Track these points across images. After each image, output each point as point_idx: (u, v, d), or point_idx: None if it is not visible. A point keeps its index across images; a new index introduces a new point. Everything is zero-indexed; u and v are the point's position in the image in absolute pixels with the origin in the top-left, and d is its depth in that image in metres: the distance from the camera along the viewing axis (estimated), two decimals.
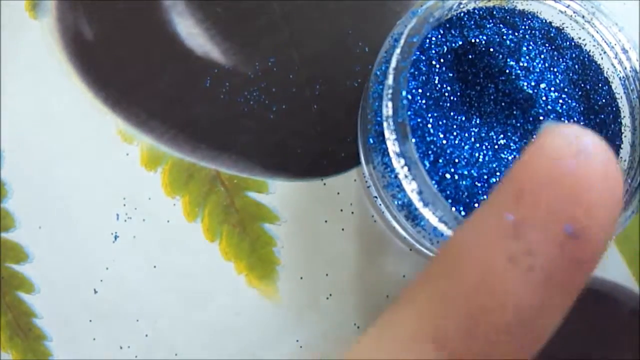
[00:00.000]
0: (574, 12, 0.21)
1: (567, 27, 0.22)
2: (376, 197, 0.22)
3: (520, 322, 0.11)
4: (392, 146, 0.18)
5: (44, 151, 0.26)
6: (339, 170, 0.25)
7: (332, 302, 0.25)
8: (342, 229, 0.25)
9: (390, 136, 0.18)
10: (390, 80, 0.19)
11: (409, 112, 0.20)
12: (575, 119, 0.21)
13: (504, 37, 0.21)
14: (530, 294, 0.11)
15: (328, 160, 0.25)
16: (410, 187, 0.18)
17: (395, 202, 0.20)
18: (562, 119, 0.21)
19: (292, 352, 0.25)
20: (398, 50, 0.19)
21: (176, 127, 0.25)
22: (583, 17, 0.21)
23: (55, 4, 0.26)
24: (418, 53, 0.21)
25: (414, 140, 0.20)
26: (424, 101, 0.21)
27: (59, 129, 0.26)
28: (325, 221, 0.25)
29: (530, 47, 0.21)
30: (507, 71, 0.21)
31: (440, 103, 0.21)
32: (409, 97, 0.20)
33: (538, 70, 0.21)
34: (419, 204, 0.18)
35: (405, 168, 0.18)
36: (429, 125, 0.20)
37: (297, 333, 0.25)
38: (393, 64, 0.19)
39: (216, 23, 0.26)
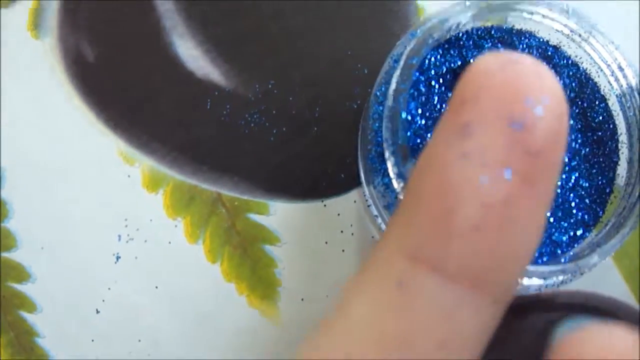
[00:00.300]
0: (571, 31, 0.21)
1: (564, 45, 0.22)
2: (377, 216, 0.22)
3: (490, 219, 0.11)
4: (393, 167, 0.19)
5: (46, 171, 0.26)
6: (339, 191, 0.25)
7: None
8: (343, 250, 0.25)
9: (390, 157, 0.19)
10: (390, 101, 0.19)
11: (408, 133, 0.20)
12: (572, 136, 0.22)
13: None
14: (489, 188, 0.11)
15: (328, 181, 0.25)
16: None
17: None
18: None
19: None
20: (397, 72, 0.19)
21: (177, 149, 0.26)
22: (580, 35, 0.21)
23: (57, 25, 0.26)
24: (417, 74, 0.21)
25: (414, 160, 0.20)
26: (423, 122, 0.21)
27: (60, 150, 0.26)
28: (326, 242, 0.25)
29: None
30: None
31: (439, 118, 0.21)
32: (409, 117, 0.20)
33: None
34: None
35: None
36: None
37: None
38: (393, 85, 0.19)
39: (217, 45, 0.26)
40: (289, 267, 0.25)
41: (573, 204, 0.21)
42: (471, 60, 0.21)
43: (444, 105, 0.21)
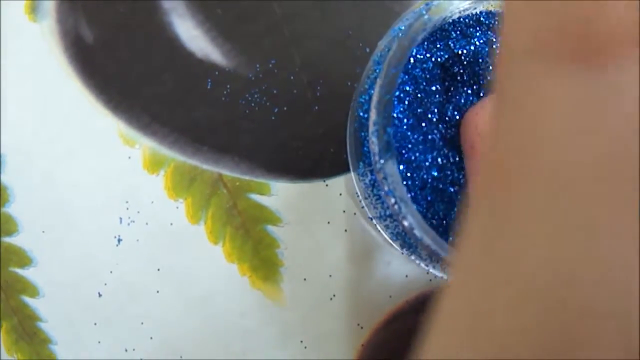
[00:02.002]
0: None
1: None
2: (371, 218, 0.22)
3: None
4: (383, 184, 0.18)
5: (46, 155, 0.26)
6: (340, 171, 0.25)
7: (335, 302, 0.25)
8: (345, 230, 0.25)
9: (379, 176, 0.18)
10: (373, 115, 0.18)
11: (395, 141, 0.19)
12: None
13: (494, 46, 0.20)
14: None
15: (330, 161, 0.25)
16: (403, 223, 0.18)
17: (389, 232, 0.20)
18: None
19: (296, 353, 0.25)
20: (380, 82, 0.18)
21: (178, 129, 0.25)
22: None
23: (54, 7, 0.26)
24: (402, 74, 0.20)
25: (402, 167, 0.19)
26: (410, 122, 0.20)
27: (60, 133, 0.26)
28: (328, 222, 0.25)
29: None
30: None
31: (427, 120, 0.20)
32: (396, 122, 0.19)
33: None
34: (412, 237, 0.18)
35: (396, 206, 0.18)
36: (415, 149, 0.20)
37: (301, 334, 0.25)
38: (376, 97, 0.18)
39: (217, 25, 0.26)
40: (291, 247, 0.25)
41: None
42: (459, 52, 0.20)
43: (431, 100, 0.21)
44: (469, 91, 0.20)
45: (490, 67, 0.20)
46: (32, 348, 0.26)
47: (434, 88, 0.20)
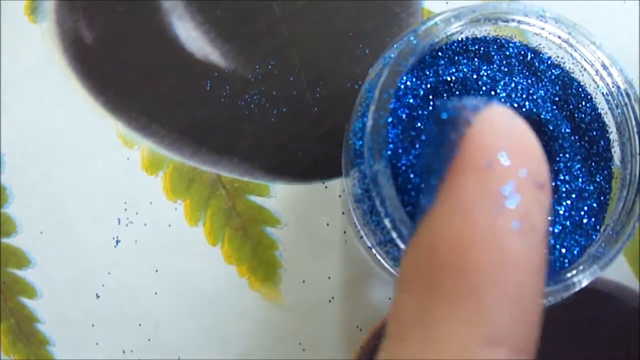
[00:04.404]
0: (550, 33, 0.20)
1: (544, 47, 0.21)
2: (371, 247, 0.22)
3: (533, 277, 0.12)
4: (381, 211, 0.18)
5: (45, 156, 0.26)
6: (339, 172, 0.25)
7: (334, 305, 0.25)
8: (344, 232, 0.25)
9: (378, 205, 0.18)
10: (368, 141, 0.18)
11: (390, 165, 0.19)
12: (565, 139, 0.21)
13: (480, 72, 0.21)
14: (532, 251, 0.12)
15: (329, 162, 0.25)
16: (403, 246, 0.18)
17: (390, 257, 0.20)
18: (552, 143, 0.21)
19: (294, 355, 0.25)
20: (373, 108, 0.18)
21: (177, 131, 0.25)
22: (559, 37, 0.21)
23: (54, 8, 0.26)
24: (394, 101, 0.20)
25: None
26: (404, 145, 0.20)
27: (59, 134, 0.26)
28: (327, 224, 0.25)
29: (507, 80, 0.21)
30: None
31: (421, 142, 0.20)
32: (390, 146, 0.19)
33: (516, 102, 0.21)
34: None
35: (394, 232, 0.18)
36: (409, 171, 0.20)
37: (300, 336, 0.25)
38: (370, 123, 0.18)
39: (216, 26, 0.26)
40: (290, 249, 0.25)
41: (582, 212, 0.21)
42: (447, 79, 0.21)
43: (423, 125, 0.21)
44: None
45: (479, 93, 0.21)
46: (29, 349, 0.26)
47: (425, 113, 0.20)
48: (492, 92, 0.20)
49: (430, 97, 0.21)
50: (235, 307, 0.25)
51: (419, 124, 0.20)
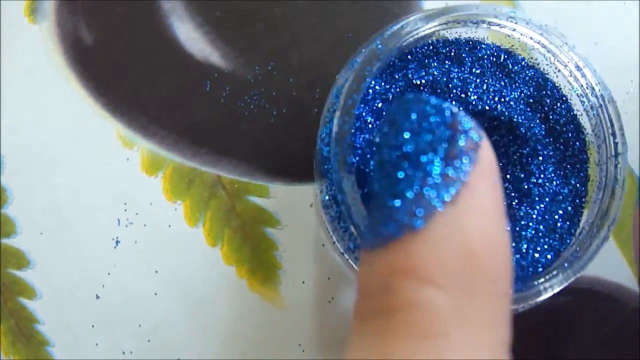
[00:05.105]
0: (521, 34, 0.20)
1: (517, 49, 0.21)
2: (342, 252, 0.21)
3: None
4: (347, 214, 0.18)
5: (45, 156, 0.26)
6: None
7: (334, 305, 0.25)
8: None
9: (343, 207, 0.18)
10: (334, 147, 0.18)
11: (356, 171, 0.19)
12: (538, 142, 0.21)
13: (451, 75, 0.20)
14: None
15: None
16: None
17: (358, 263, 0.20)
18: (524, 146, 0.21)
19: (294, 356, 0.25)
20: (338, 114, 0.18)
21: (176, 131, 0.25)
22: (531, 38, 0.20)
23: (54, 8, 0.26)
24: (362, 106, 0.20)
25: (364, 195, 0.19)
26: (373, 149, 0.19)
27: (59, 134, 0.26)
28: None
29: (478, 82, 0.20)
30: (459, 109, 0.20)
31: None
32: (359, 152, 0.19)
33: (487, 105, 0.20)
34: None
35: (360, 239, 0.17)
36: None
37: (300, 337, 0.25)
38: (335, 129, 0.18)
39: (216, 27, 0.26)
40: (290, 249, 0.25)
41: (557, 216, 0.20)
42: (417, 82, 0.20)
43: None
44: None
45: (448, 97, 0.20)
46: (29, 350, 0.26)
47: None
48: (463, 95, 0.20)
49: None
50: (234, 308, 0.25)
51: None
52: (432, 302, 0.12)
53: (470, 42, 0.21)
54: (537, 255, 0.20)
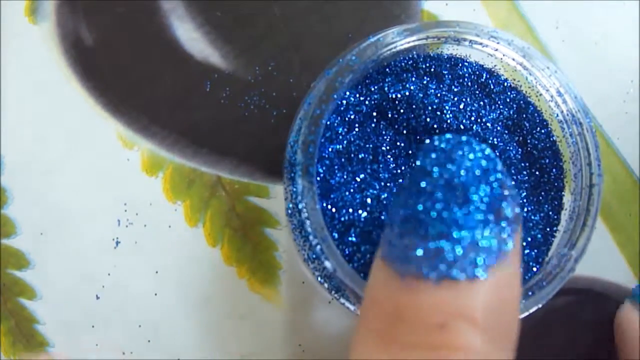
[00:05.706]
0: (504, 55, 0.20)
1: (499, 69, 0.21)
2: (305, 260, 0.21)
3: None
4: (305, 225, 0.17)
5: (45, 157, 0.26)
6: None
7: (333, 306, 0.25)
8: None
9: (302, 216, 0.17)
10: (299, 155, 0.18)
11: (321, 181, 0.19)
12: (513, 165, 0.20)
13: (428, 91, 0.20)
14: None
15: None
16: (325, 265, 0.17)
17: (318, 274, 0.19)
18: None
19: (294, 356, 0.25)
20: (306, 123, 0.18)
21: (177, 132, 0.25)
22: (513, 59, 0.20)
23: (54, 9, 0.26)
24: (335, 116, 0.19)
25: (329, 207, 0.18)
26: (341, 161, 0.19)
27: (60, 135, 0.26)
28: None
29: (456, 100, 0.20)
30: (433, 127, 0.19)
31: (358, 161, 0.19)
32: (326, 162, 0.19)
33: (463, 125, 0.20)
34: (335, 280, 0.18)
35: (318, 247, 0.17)
36: (343, 189, 0.19)
37: (299, 337, 0.25)
38: (301, 137, 0.18)
39: (216, 27, 0.26)
40: (290, 250, 0.25)
41: (524, 244, 0.20)
42: (393, 96, 0.20)
43: (364, 143, 0.20)
44: (402, 134, 0.20)
45: (423, 114, 0.20)
46: (29, 350, 0.26)
47: (368, 130, 0.20)
48: (438, 112, 0.19)
49: (374, 113, 0.20)
50: (235, 308, 0.25)
51: (356, 141, 0.19)
52: (478, 349, 0.13)
53: (452, 59, 0.20)
54: None
